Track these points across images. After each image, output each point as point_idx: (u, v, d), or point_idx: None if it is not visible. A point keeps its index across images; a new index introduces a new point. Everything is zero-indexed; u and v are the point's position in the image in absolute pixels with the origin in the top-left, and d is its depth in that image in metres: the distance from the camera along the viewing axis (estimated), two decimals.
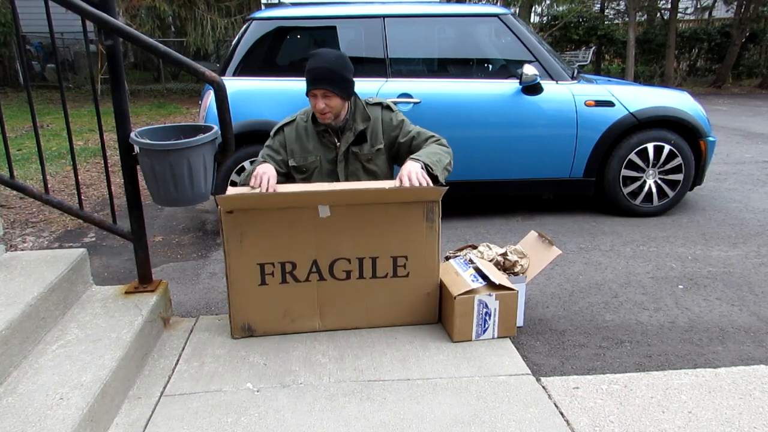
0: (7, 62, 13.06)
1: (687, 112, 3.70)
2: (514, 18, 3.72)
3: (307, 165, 2.33)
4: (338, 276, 2.16)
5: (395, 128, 2.35)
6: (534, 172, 3.71)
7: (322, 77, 2.18)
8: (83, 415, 1.50)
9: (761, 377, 1.93)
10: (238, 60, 3.60)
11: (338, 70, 2.20)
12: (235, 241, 2.07)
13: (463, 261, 2.34)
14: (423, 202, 2.11)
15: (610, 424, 1.69)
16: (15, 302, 1.79)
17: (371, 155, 2.33)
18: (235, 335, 2.17)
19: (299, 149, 2.34)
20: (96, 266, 3.09)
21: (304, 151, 2.34)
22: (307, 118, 2.36)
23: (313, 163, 2.33)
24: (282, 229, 2.08)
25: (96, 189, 4.77)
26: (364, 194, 2.08)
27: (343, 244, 2.13)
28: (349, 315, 2.22)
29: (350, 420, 1.70)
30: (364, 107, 2.34)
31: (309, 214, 2.08)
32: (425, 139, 2.32)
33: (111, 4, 1.99)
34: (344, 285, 2.17)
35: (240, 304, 2.14)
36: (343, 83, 2.21)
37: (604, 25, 15.12)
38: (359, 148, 2.32)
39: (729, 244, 3.31)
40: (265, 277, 2.13)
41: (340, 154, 2.32)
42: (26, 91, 2.18)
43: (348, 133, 2.30)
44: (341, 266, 2.15)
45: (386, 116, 2.36)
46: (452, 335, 2.15)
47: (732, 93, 12.75)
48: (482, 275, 2.18)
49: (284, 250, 2.11)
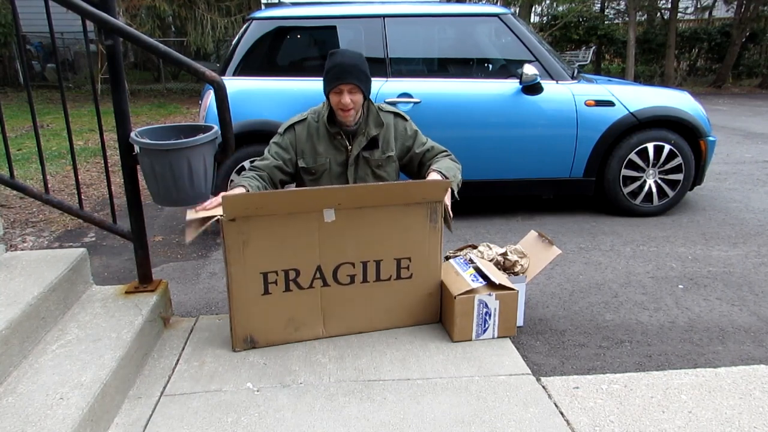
0: (7, 62, 13.06)
1: (687, 112, 3.70)
2: (514, 18, 3.72)
3: (317, 167, 2.31)
4: (342, 281, 2.13)
5: (409, 138, 2.36)
6: (534, 172, 3.71)
7: (349, 72, 2.15)
8: (83, 415, 1.50)
9: (761, 377, 1.93)
10: (238, 60, 3.60)
11: (362, 67, 2.20)
12: (237, 250, 1.99)
13: (463, 261, 2.34)
14: (427, 203, 2.11)
15: (610, 424, 1.69)
16: (15, 302, 1.79)
17: (382, 161, 2.32)
18: (237, 348, 2.09)
19: (310, 150, 2.30)
20: (96, 266, 3.09)
21: (315, 152, 2.30)
22: (318, 118, 2.31)
23: (323, 165, 2.30)
24: (285, 235, 2.03)
25: (96, 189, 4.77)
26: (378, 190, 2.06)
27: (348, 248, 2.10)
28: (353, 320, 2.19)
29: (350, 420, 1.70)
30: (377, 112, 2.32)
31: (313, 219, 2.03)
32: (438, 153, 2.36)
33: (111, 4, 1.99)
34: (348, 290, 2.15)
35: (242, 315, 2.07)
36: (366, 81, 2.22)
37: (604, 24, 15.12)
38: (370, 154, 2.30)
39: (729, 244, 3.31)
40: (269, 286, 2.06)
41: (351, 158, 2.30)
42: (26, 91, 2.18)
43: (360, 137, 2.28)
44: (345, 271, 2.12)
45: (400, 125, 2.36)
46: (452, 335, 2.15)
47: (732, 93, 12.75)
48: (482, 275, 2.18)
49: (288, 258, 2.06)
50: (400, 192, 2.07)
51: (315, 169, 2.31)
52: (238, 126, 3.15)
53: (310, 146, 2.30)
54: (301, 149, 2.31)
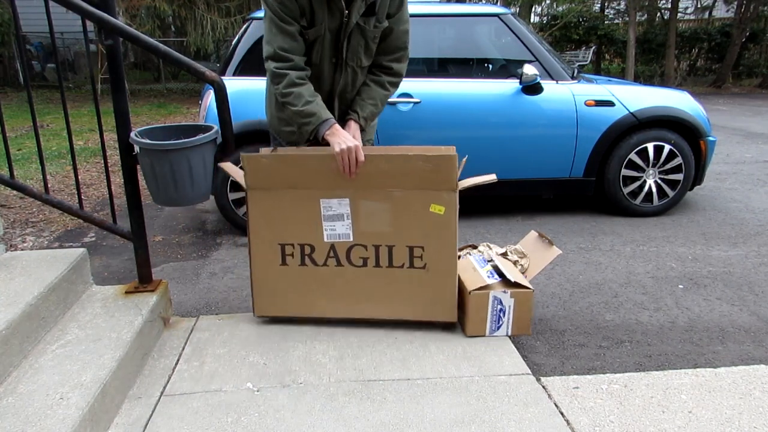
0: (7, 62, 13.07)
1: (687, 112, 3.70)
2: (514, 18, 3.72)
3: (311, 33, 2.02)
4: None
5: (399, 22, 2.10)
6: (534, 172, 3.72)
7: None
8: (83, 415, 1.50)
9: (761, 377, 1.93)
10: (238, 60, 3.59)
11: None
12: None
13: (482, 258, 2.34)
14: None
15: (610, 424, 1.69)
16: (15, 302, 1.79)
17: (375, 33, 2.07)
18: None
19: (308, 9, 1.99)
20: (96, 266, 3.09)
21: (312, 14, 2.00)
22: None
23: (317, 31, 2.01)
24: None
25: (96, 189, 4.77)
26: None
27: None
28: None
29: (350, 420, 1.71)
30: None
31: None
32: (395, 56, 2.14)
33: (111, 4, 1.99)
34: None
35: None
36: None
37: (604, 24, 15.14)
38: (366, 22, 2.03)
39: (729, 244, 3.31)
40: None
41: (349, 24, 2.01)
42: (26, 91, 2.18)
43: (359, 1, 1.98)
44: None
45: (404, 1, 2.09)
46: (465, 329, 2.16)
47: (732, 93, 12.75)
48: (499, 272, 2.19)
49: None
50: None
51: (308, 34, 2.02)
52: (238, 126, 3.14)
53: (308, 4, 1.98)
54: (302, 6, 1.98)
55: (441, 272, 2.18)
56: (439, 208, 2.11)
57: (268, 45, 2.03)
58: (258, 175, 2.11)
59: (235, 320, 2.32)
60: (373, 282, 2.19)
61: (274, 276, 2.21)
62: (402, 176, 2.07)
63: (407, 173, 2.07)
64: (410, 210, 2.12)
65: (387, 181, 2.09)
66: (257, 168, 2.10)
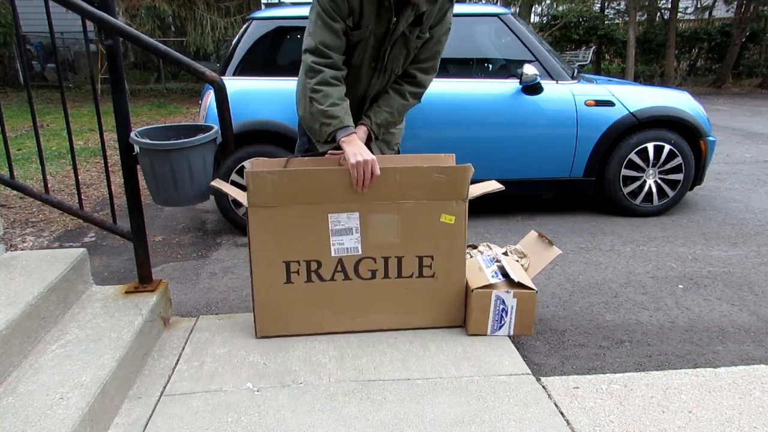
0: (7, 62, 13.07)
1: (687, 112, 3.70)
2: (514, 18, 3.72)
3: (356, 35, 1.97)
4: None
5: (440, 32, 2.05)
6: (534, 172, 3.72)
7: None
8: (83, 415, 1.50)
9: (761, 377, 1.93)
10: (238, 60, 3.60)
11: None
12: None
13: (489, 258, 2.34)
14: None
15: (610, 424, 1.69)
16: (15, 302, 1.79)
17: (417, 44, 2.03)
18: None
19: (358, 8, 1.93)
20: (96, 266, 3.09)
21: (360, 14, 1.94)
22: None
23: (363, 34, 1.97)
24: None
25: (96, 189, 4.77)
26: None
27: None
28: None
29: (350, 420, 1.70)
30: None
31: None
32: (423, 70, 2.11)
33: (111, 4, 1.99)
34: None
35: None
36: None
37: (604, 24, 15.14)
38: (411, 32, 1.99)
39: (729, 244, 3.31)
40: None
41: (396, 32, 1.97)
42: (26, 91, 2.18)
43: (408, 11, 1.94)
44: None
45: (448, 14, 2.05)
46: (468, 328, 2.16)
47: (732, 93, 12.76)
48: (503, 272, 2.19)
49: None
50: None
51: (353, 36, 1.97)
52: (238, 126, 3.15)
53: (359, 6, 1.92)
54: (352, 6, 1.92)
55: (450, 280, 2.18)
56: (449, 217, 2.09)
57: (310, 38, 1.99)
58: (264, 192, 2.00)
59: (235, 320, 2.32)
60: (382, 293, 2.16)
61: (277, 296, 2.11)
62: (414, 188, 2.05)
63: (420, 185, 2.05)
64: (420, 220, 2.10)
65: (398, 192, 2.05)
66: (263, 185, 1.98)
